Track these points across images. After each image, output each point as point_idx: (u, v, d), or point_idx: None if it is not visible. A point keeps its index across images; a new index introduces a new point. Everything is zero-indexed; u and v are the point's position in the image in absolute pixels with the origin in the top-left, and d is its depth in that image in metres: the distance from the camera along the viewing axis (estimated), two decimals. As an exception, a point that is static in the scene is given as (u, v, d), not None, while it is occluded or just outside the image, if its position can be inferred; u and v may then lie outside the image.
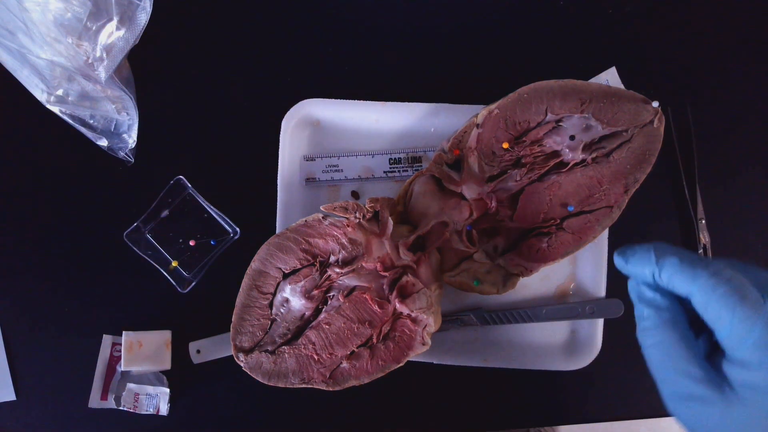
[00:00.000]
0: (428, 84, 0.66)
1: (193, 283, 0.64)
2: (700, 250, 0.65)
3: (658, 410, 0.66)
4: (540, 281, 0.65)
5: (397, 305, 0.57)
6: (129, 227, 0.64)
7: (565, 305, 0.64)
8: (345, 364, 0.58)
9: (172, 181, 0.64)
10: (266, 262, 0.59)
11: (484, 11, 0.67)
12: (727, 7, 0.67)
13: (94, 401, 0.65)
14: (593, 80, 0.65)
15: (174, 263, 0.65)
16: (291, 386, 0.58)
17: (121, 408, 0.62)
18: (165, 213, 0.66)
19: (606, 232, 0.62)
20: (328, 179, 0.65)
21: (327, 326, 0.58)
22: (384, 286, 0.58)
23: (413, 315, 0.57)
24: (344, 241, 0.58)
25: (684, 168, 0.66)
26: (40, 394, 0.66)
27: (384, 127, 0.65)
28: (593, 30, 0.67)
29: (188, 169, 0.65)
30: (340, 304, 0.58)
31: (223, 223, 0.65)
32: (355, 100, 0.64)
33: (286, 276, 0.59)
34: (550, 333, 0.65)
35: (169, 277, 0.64)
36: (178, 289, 0.64)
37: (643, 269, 0.39)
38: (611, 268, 0.63)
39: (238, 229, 0.65)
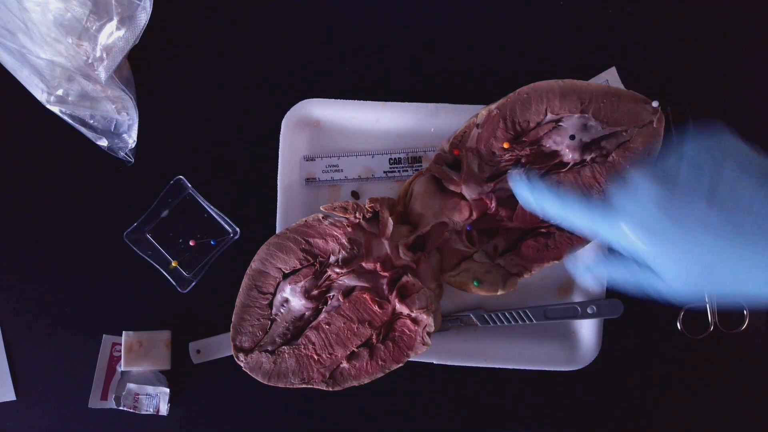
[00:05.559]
0: (428, 84, 0.66)
1: (193, 283, 0.64)
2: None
3: (658, 410, 0.66)
4: (540, 281, 0.65)
5: (397, 305, 0.57)
6: (129, 227, 0.64)
7: (565, 305, 0.64)
8: (345, 364, 0.58)
9: (172, 181, 0.64)
10: (266, 262, 0.59)
11: (484, 11, 0.67)
12: (727, 6, 0.67)
13: (94, 401, 0.65)
14: (593, 80, 0.65)
15: (174, 263, 0.65)
16: (291, 386, 0.58)
17: (121, 408, 0.62)
18: (165, 213, 0.66)
19: (606, 232, 0.62)
20: (328, 179, 0.65)
21: (327, 326, 0.58)
22: (384, 286, 0.58)
23: (413, 315, 0.57)
24: (344, 241, 0.58)
25: (684, 168, 0.66)
26: (40, 394, 0.66)
27: (384, 127, 0.65)
28: (593, 30, 0.67)
29: (188, 169, 0.65)
30: (340, 304, 0.58)
31: (223, 223, 0.65)
32: (355, 100, 0.64)
33: (286, 276, 0.59)
34: (550, 333, 0.65)
35: (169, 277, 0.64)
36: (178, 289, 0.64)
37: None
38: (611, 268, 0.63)
39: (238, 229, 0.65)
